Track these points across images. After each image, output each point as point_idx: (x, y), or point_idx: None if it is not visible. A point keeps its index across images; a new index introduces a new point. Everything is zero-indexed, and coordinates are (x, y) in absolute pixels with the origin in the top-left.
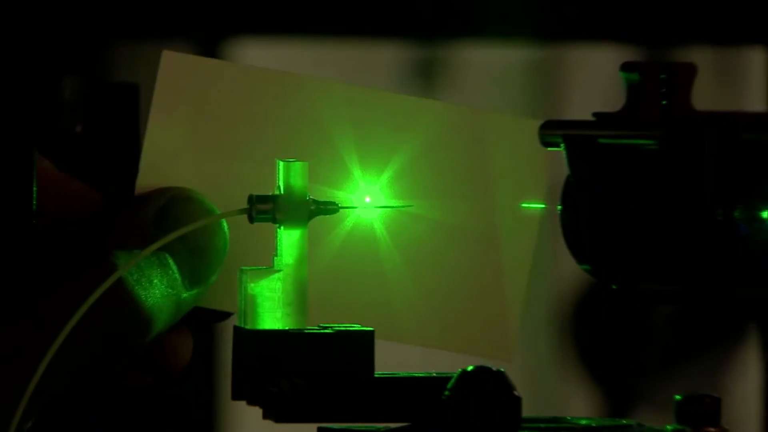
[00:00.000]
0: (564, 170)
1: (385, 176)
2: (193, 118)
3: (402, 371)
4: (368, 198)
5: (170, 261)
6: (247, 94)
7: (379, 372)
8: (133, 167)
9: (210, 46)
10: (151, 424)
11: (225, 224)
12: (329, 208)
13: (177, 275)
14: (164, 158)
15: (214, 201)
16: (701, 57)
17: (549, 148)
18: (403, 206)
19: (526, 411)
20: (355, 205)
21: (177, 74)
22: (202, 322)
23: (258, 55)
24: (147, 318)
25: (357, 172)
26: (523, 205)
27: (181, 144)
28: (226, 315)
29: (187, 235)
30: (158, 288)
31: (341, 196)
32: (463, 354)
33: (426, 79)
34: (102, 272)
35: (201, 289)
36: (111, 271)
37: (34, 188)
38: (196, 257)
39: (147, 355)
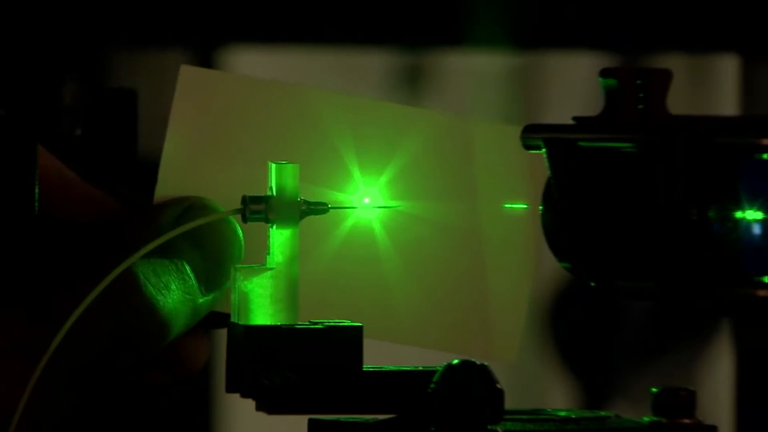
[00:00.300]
0: (545, 172)
1: (383, 179)
2: (209, 129)
3: (390, 365)
4: (367, 199)
5: (187, 268)
6: (259, 106)
7: (367, 366)
8: (132, 169)
9: (206, 54)
10: (147, 414)
11: (240, 233)
12: (319, 208)
13: (193, 281)
14: (181, 168)
15: (230, 208)
16: (675, 63)
17: (530, 151)
18: (393, 206)
19: (508, 403)
20: (348, 206)
21: (194, 88)
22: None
23: (252, 62)
24: (165, 321)
25: (357, 176)
26: (506, 205)
27: (198, 155)
28: (224, 323)
29: (204, 244)
30: (175, 293)
31: (341, 197)
32: (463, 355)
33: (412, 84)
34: (121, 276)
35: (216, 294)
36: (130, 276)
37: (36, 189)
38: (213, 265)
39: (166, 356)
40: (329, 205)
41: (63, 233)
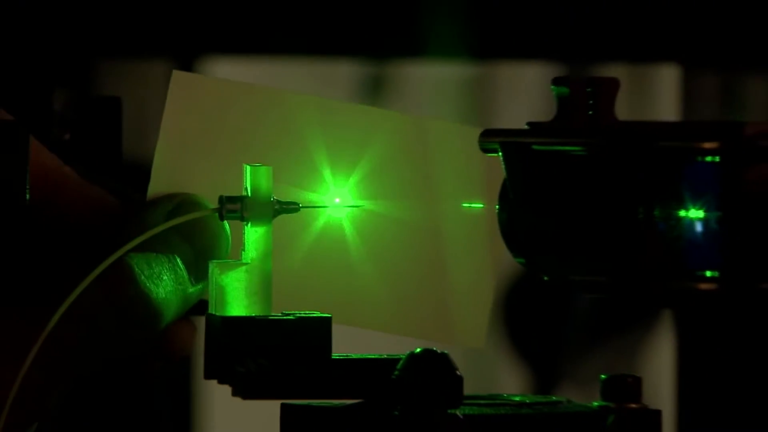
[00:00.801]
0: (501, 174)
1: (352, 180)
2: (198, 131)
3: (357, 353)
4: (337, 199)
5: (179, 261)
6: (244, 109)
7: (335, 354)
8: (116, 169)
9: (187, 64)
10: (133, 400)
11: (228, 229)
12: (291, 207)
13: (184, 273)
14: (172, 167)
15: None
16: (620, 72)
17: (488, 154)
18: (362, 206)
19: (467, 389)
20: (319, 205)
21: (184, 91)
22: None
23: (230, 71)
24: (158, 309)
25: (328, 178)
26: (464, 204)
27: (188, 154)
28: (203, 310)
29: (194, 240)
30: (167, 284)
31: (313, 197)
32: (432, 341)
33: (376, 91)
34: (118, 268)
35: (205, 284)
36: (125, 268)
37: (27, 187)
38: (202, 258)
39: (160, 343)
40: (300, 205)
41: (62, 229)
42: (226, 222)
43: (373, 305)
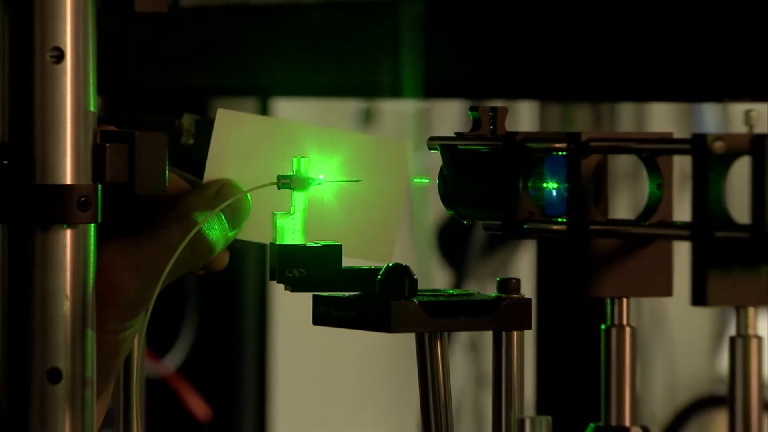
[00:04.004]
0: (440, 162)
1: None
2: (237, 150)
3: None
4: (321, 176)
5: (223, 217)
6: (269, 135)
7: (345, 266)
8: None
9: (263, 101)
10: (230, 295)
11: (250, 200)
12: (318, 181)
13: (226, 224)
14: (219, 167)
15: (252, 193)
16: (502, 104)
17: (431, 150)
18: (350, 180)
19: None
20: (338, 180)
21: (227, 124)
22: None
23: (284, 107)
24: (212, 247)
25: (331, 167)
26: (415, 180)
27: (229, 162)
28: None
29: (231, 204)
30: (217, 231)
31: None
32: (367, 260)
33: (366, 119)
34: (188, 223)
35: (237, 231)
36: (194, 224)
37: (167, 172)
38: (236, 215)
39: (210, 262)
40: (323, 179)
41: (159, 195)
42: (250, 198)
43: (353, 237)
